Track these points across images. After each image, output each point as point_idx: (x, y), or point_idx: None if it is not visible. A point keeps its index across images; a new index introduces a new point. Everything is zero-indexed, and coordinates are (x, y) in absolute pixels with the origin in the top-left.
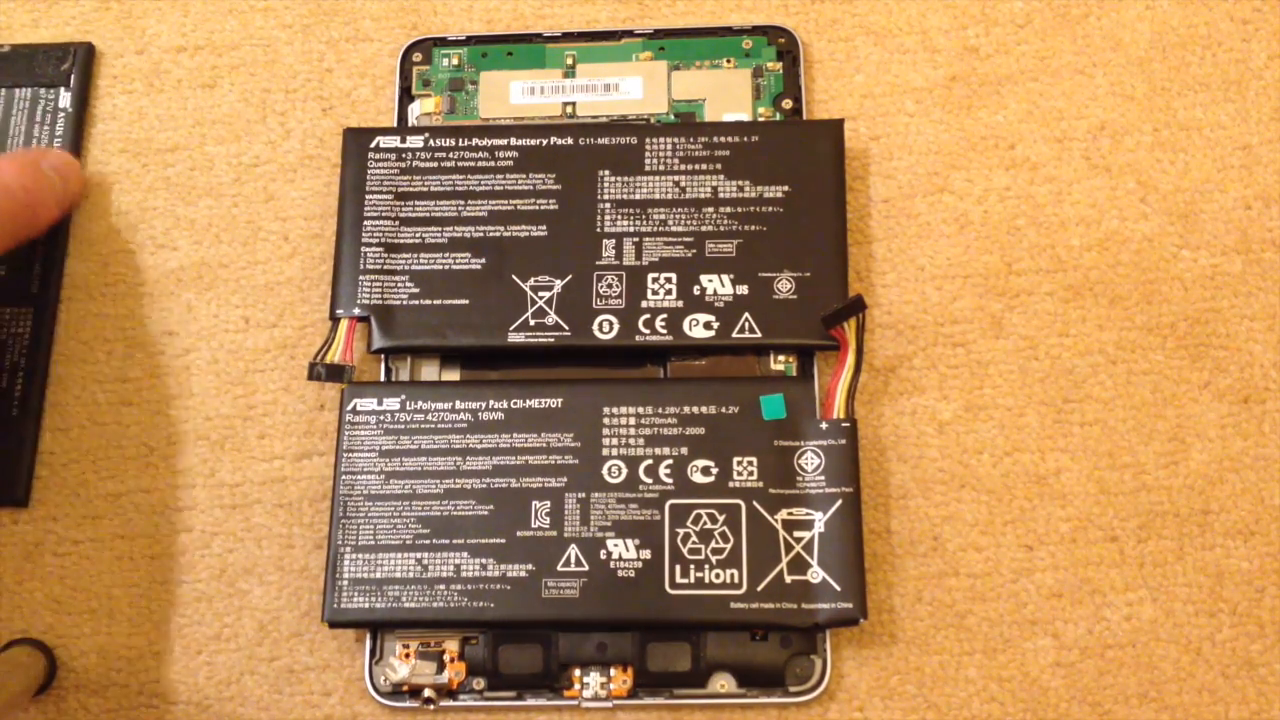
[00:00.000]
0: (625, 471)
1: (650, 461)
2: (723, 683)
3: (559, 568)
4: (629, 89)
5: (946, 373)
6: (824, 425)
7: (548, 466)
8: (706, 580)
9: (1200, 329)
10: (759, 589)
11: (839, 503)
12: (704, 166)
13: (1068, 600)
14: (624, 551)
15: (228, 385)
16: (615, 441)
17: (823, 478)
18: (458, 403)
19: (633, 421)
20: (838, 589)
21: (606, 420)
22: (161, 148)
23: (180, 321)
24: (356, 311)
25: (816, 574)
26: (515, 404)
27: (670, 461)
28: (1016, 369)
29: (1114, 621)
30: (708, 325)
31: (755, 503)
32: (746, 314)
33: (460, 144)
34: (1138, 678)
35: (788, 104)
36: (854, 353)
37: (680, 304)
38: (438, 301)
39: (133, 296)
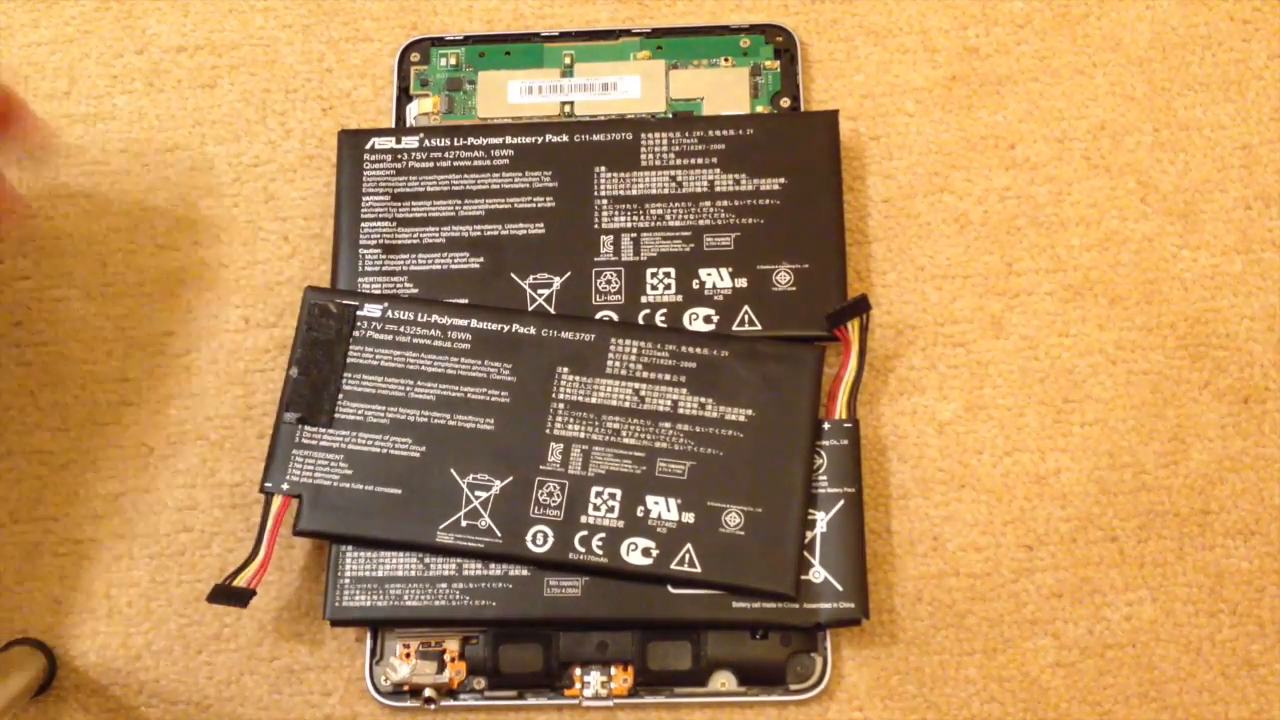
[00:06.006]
0: None
1: None
2: (723, 681)
3: None
4: (627, 88)
5: (946, 373)
6: (826, 426)
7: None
8: None
9: (1200, 329)
10: None
11: (841, 503)
12: (700, 161)
13: (1068, 600)
14: None
15: (228, 385)
16: None
17: (825, 478)
18: None
19: None
20: (840, 589)
21: None
22: (161, 148)
23: (180, 321)
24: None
25: (819, 573)
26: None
27: None
28: (1016, 369)
29: (1114, 621)
30: (708, 319)
31: None
32: (746, 306)
33: (455, 143)
34: (1138, 678)
35: (785, 102)
36: (856, 354)
37: (680, 298)
38: (448, 301)
39: (133, 296)
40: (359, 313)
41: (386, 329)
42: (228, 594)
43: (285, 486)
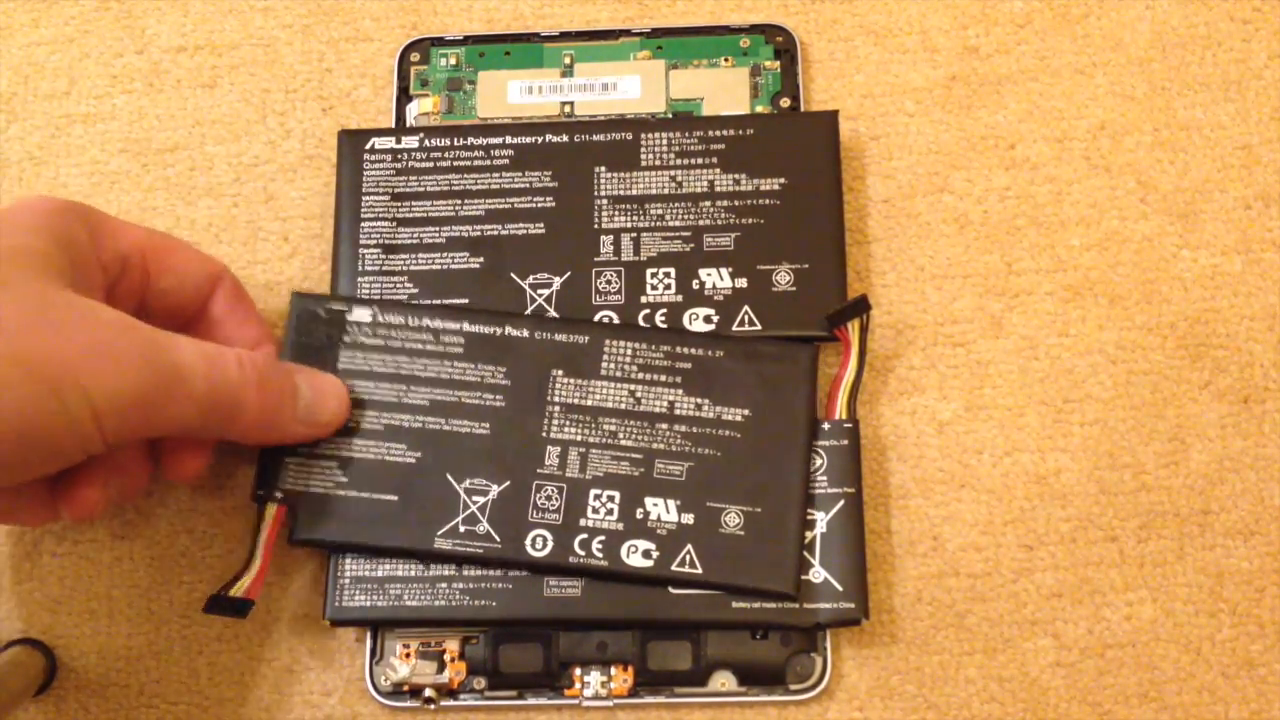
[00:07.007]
0: None
1: None
2: (723, 681)
3: None
4: (627, 88)
5: (946, 373)
6: (826, 426)
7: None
8: None
9: (1200, 329)
10: None
11: (841, 503)
12: (700, 161)
13: (1068, 600)
14: None
15: None
16: None
17: (825, 478)
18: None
19: None
20: (840, 589)
21: None
22: (161, 148)
23: None
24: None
25: (818, 574)
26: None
27: None
28: (1016, 369)
29: (1114, 621)
30: (707, 319)
31: None
32: (746, 307)
33: (455, 143)
34: (1138, 678)
35: (785, 102)
36: (856, 354)
37: (680, 298)
38: (437, 302)
39: None
40: (349, 317)
41: (378, 333)
42: (224, 604)
43: (278, 495)
